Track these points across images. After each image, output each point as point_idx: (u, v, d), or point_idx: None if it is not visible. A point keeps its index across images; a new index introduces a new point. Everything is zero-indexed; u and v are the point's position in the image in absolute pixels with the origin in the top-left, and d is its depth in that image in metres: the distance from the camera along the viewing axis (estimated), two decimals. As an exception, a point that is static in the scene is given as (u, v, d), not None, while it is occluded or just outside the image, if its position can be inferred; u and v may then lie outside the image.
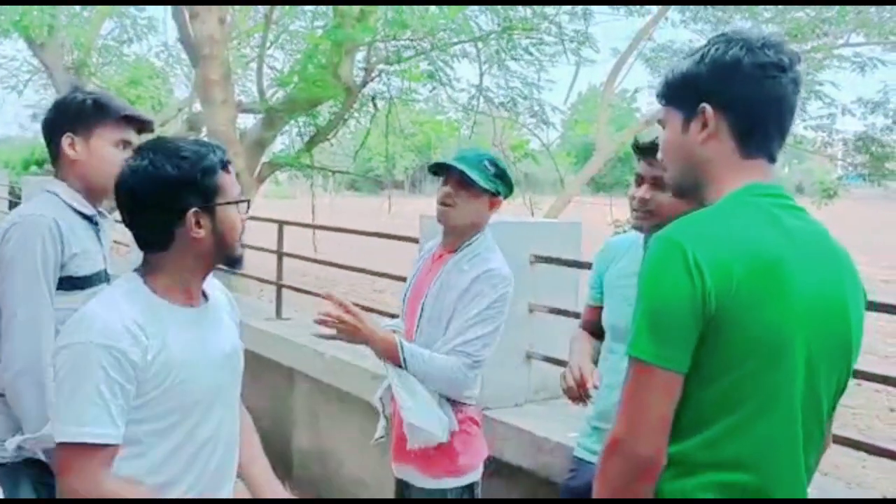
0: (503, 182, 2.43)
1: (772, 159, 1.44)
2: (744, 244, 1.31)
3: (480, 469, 2.43)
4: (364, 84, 11.00)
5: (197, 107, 14.81)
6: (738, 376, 1.32)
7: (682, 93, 1.44)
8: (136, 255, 1.72)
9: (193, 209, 1.61)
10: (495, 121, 12.38)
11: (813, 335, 1.35)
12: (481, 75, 11.29)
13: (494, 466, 2.70)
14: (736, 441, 1.33)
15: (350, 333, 2.34)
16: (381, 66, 10.76)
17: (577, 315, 3.24)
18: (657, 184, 2.04)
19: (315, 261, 5.79)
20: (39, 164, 15.60)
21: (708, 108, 1.39)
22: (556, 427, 2.94)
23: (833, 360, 1.40)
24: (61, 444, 1.51)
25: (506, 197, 2.49)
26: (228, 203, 1.66)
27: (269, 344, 4.80)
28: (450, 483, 2.36)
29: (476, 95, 11.50)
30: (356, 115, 12.34)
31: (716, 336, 1.29)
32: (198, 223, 1.62)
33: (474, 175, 2.35)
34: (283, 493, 1.93)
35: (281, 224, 5.35)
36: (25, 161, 16.03)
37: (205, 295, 1.75)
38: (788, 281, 1.32)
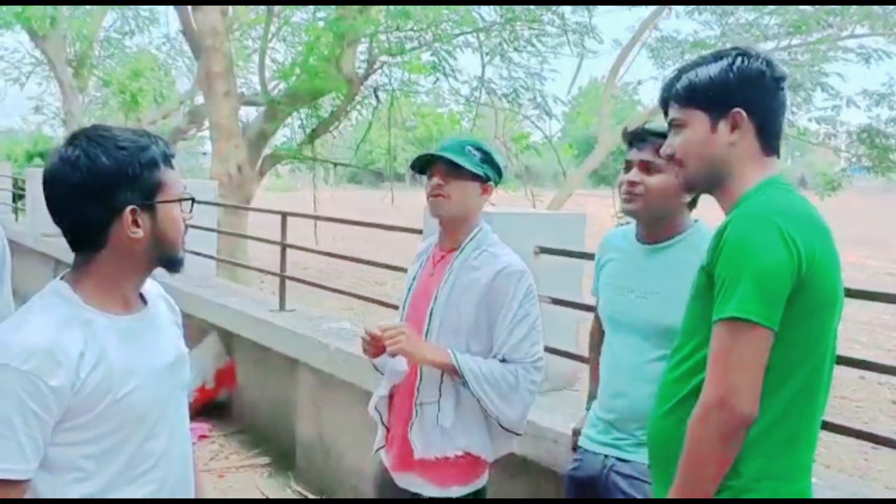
0: (491, 166, 2.35)
1: (779, 155, 1.68)
2: (812, 221, 1.54)
3: (486, 475, 2.41)
4: (366, 76, 10.98)
5: (199, 99, 14.80)
6: (804, 332, 1.51)
7: (710, 97, 1.63)
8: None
9: (131, 207, 1.46)
10: (497, 113, 12.35)
11: (841, 298, 1.58)
12: (483, 66, 11.27)
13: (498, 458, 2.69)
14: (786, 388, 1.52)
15: (400, 343, 2.24)
16: (383, 58, 10.73)
17: (580, 306, 3.25)
18: (646, 168, 2.10)
19: (319, 252, 5.78)
20: (42, 156, 15.57)
21: (742, 112, 1.60)
22: (559, 418, 2.94)
23: (838, 318, 1.62)
24: None
25: (497, 183, 2.40)
26: (171, 201, 1.52)
27: (273, 335, 4.80)
28: (456, 491, 2.32)
29: (478, 87, 11.47)
30: (358, 107, 12.32)
31: (796, 298, 1.48)
32: (135, 222, 1.47)
33: (460, 161, 2.27)
34: None
35: (284, 215, 5.34)
36: (28, 153, 16.01)
37: (143, 299, 1.61)
38: (835, 251, 1.56)
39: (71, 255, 1.54)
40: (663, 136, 2.06)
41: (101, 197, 1.45)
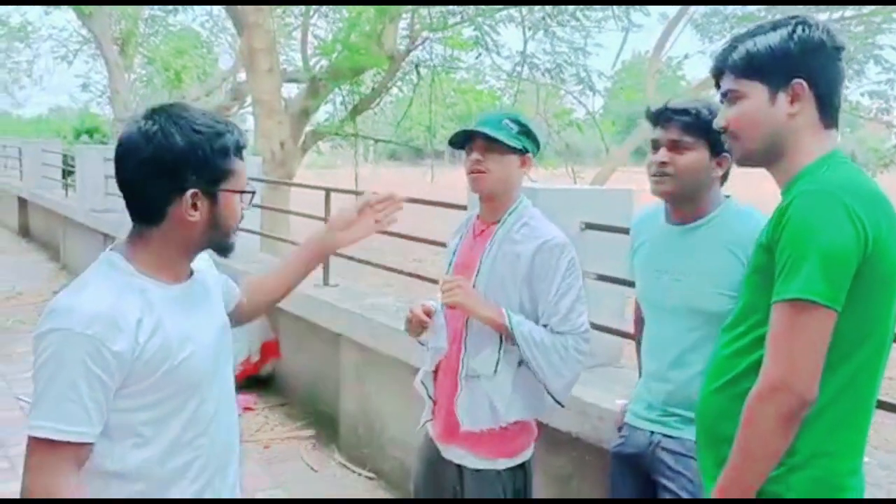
0: (529, 138, 2.35)
1: (838, 128, 1.62)
2: (877, 198, 1.49)
3: (532, 448, 2.42)
4: (408, 52, 10.94)
5: (241, 76, 14.93)
6: (867, 311, 1.47)
7: (770, 67, 1.57)
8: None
9: (193, 190, 1.49)
10: (539, 89, 12.22)
11: None
12: (525, 41, 11.14)
13: (543, 433, 2.70)
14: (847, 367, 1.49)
15: (456, 296, 2.29)
16: (424, 34, 10.68)
17: (626, 283, 3.21)
18: (675, 147, 2.07)
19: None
20: (90, 133, 15.86)
21: (804, 82, 1.55)
22: (605, 394, 2.93)
23: None
24: (30, 440, 1.40)
25: (535, 154, 2.40)
26: (234, 191, 1.54)
27: (317, 310, 4.86)
28: (503, 464, 2.34)
29: (520, 62, 11.35)
30: (399, 83, 12.30)
31: (861, 277, 1.44)
32: (194, 205, 1.50)
33: (498, 135, 2.28)
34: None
35: (328, 191, 5.39)
36: (77, 130, 16.33)
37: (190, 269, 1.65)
38: None
39: (119, 230, 1.58)
40: (688, 113, 2.06)
41: (166, 175, 1.48)
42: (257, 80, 10.02)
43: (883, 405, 2.36)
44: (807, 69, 1.55)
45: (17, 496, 1.45)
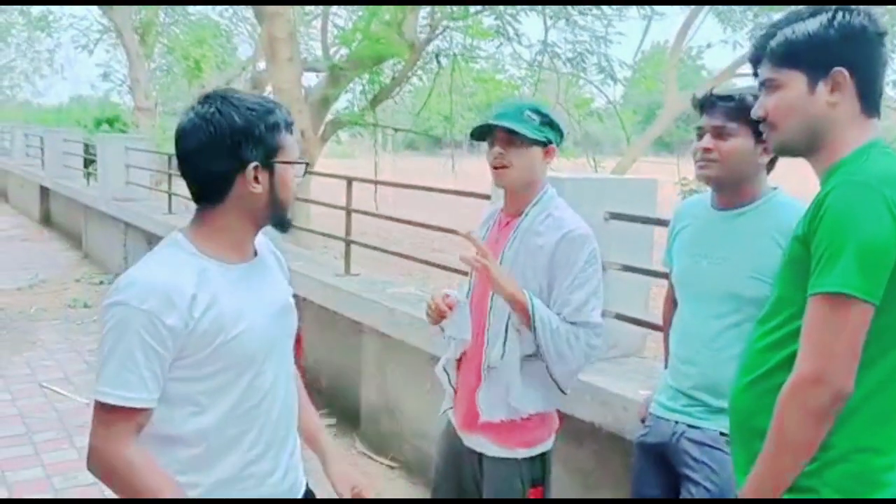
0: (552, 129, 2.30)
1: (880, 116, 1.58)
2: None
3: (553, 439, 2.42)
4: (428, 41, 10.91)
5: (261, 65, 14.95)
6: None
7: (809, 55, 1.53)
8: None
9: (254, 163, 1.59)
10: (559, 78, 12.15)
11: None
12: (546, 30, 11.06)
13: (566, 424, 2.70)
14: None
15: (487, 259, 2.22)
16: (445, 23, 10.64)
17: (651, 273, 3.20)
18: (719, 134, 2.08)
19: (383, 217, 5.82)
20: (110, 122, 15.95)
21: (844, 71, 1.50)
22: (629, 385, 2.92)
23: None
24: (96, 403, 1.53)
25: (558, 144, 2.36)
26: (288, 162, 1.65)
27: (338, 299, 4.87)
28: (522, 453, 2.34)
29: (541, 51, 11.28)
30: (419, 73, 12.28)
31: None
32: (256, 178, 1.60)
33: (520, 128, 2.24)
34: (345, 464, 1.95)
35: (350, 181, 5.39)
36: (97, 119, 16.42)
37: (255, 252, 1.74)
38: None
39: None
40: (732, 99, 2.06)
41: (229, 151, 1.58)
42: (277, 69, 10.01)
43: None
44: (847, 57, 1.51)
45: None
